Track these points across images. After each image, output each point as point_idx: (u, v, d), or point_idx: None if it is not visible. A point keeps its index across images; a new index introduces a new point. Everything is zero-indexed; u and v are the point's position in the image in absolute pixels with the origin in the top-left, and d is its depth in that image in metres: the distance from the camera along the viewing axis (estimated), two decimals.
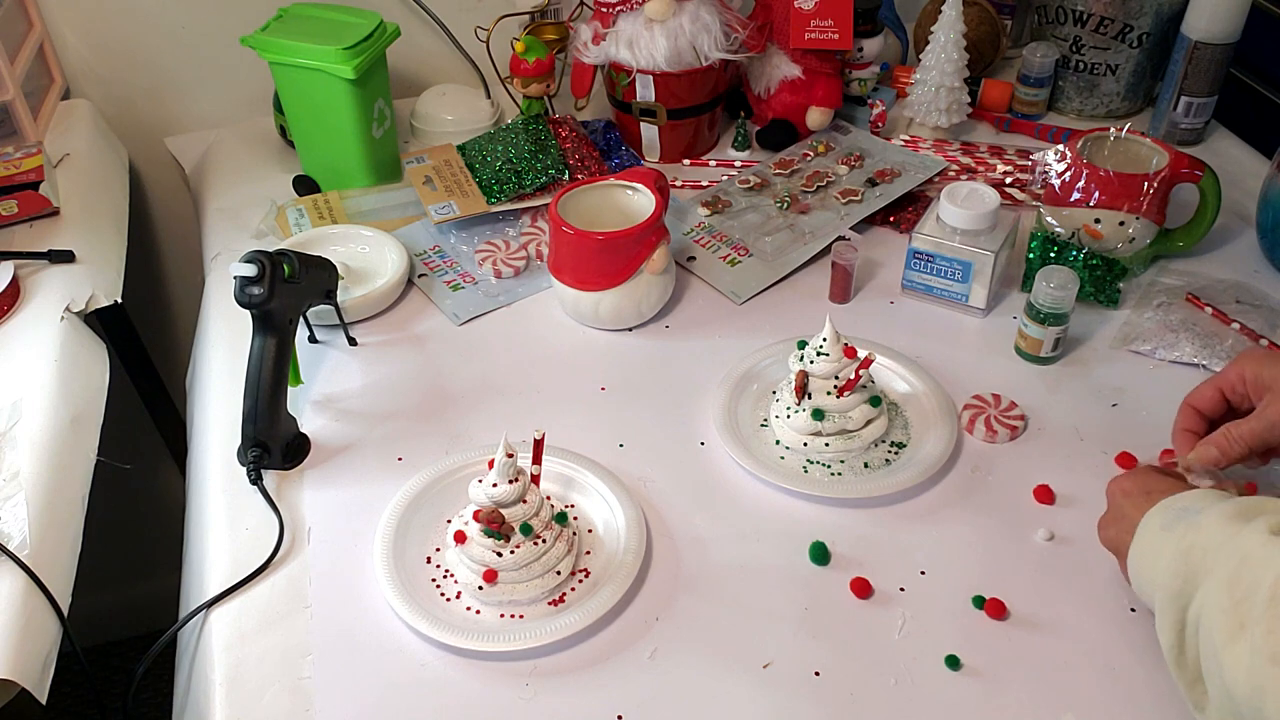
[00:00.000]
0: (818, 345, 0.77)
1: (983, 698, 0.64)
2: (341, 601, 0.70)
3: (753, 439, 0.81)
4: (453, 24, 1.24)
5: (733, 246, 1.01)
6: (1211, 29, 1.08)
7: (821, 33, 1.07)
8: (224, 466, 0.80)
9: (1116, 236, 0.92)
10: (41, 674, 0.65)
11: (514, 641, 0.66)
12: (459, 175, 1.05)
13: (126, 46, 1.17)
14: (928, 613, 0.69)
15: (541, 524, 0.68)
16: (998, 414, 0.82)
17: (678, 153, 1.15)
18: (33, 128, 1.06)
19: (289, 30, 1.02)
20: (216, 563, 0.73)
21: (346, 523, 0.75)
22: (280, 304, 0.77)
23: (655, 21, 1.05)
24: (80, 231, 0.97)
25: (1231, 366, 0.71)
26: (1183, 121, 1.15)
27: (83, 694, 1.33)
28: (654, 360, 0.90)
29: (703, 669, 0.66)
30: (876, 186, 1.05)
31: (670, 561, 0.73)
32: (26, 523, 0.70)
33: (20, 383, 0.81)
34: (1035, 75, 1.19)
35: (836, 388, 0.77)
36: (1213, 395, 0.72)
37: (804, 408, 0.78)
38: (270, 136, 1.20)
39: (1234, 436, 0.69)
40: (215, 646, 0.68)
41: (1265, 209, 0.97)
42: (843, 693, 0.64)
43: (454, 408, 0.85)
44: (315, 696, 0.64)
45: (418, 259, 1.01)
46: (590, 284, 0.89)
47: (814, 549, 0.72)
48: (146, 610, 1.39)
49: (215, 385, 0.88)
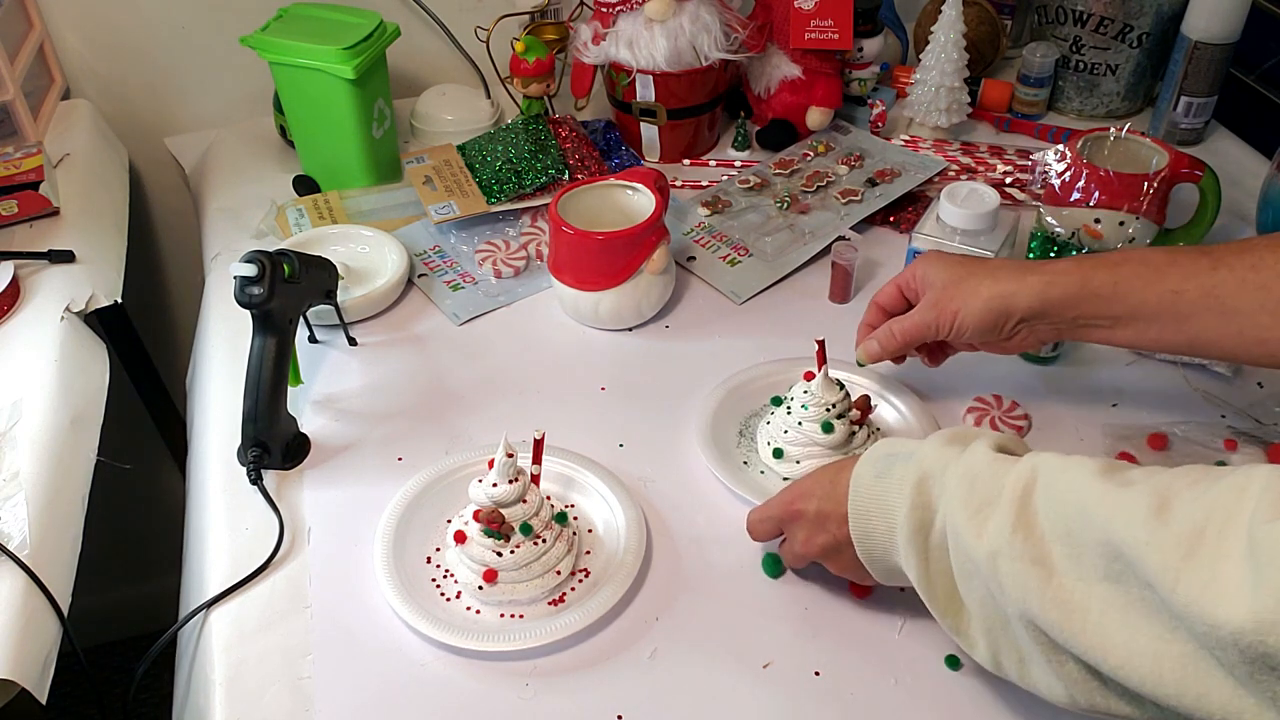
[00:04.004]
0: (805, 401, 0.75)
1: (983, 698, 0.64)
2: (341, 601, 0.70)
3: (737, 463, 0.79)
4: (453, 24, 1.24)
5: (733, 246, 1.01)
6: (1211, 29, 1.08)
7: (821, 33, 1.07)
8: (224, 466, 0.80)
9: (1116, 236, 0.92)
10: (41, 674, 0.65)
11: (514, 641, 0.66)
12: (459, 175, 1.05)
13: (126, 46, 1.17)
14: (928, 613, 0.68)
15: (541, 524, 0.68)
16: (1002, 415, 0.82)
17: (678, 153, 1.15)
18: (33, 128, 1.06)
19: (289, 30, 1.02)
20: (216, 563, 0.73)
21: (346, 523, 0.75)
22: (280, 304, 0.77)
23: (655, 21, 1.05)
24: (80, 231, 0.97)
25: (909, 267, 0.77)
26: (1183, 121, 1.15)
27: (83, 694, 1.33)
28: (654, 360, 0.90)
29: (703, 669, 0.66)
30: (876, 186, 1.05)
31: (670, 561, 0.73)
32: (26, 523, 0.70)
33: (20, 383, 0.81)
34: (1035, 75, 1.19)
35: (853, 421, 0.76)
36: (892, 292, 0.78)
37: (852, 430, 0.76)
38: (270, 136, 1.20)
39: (894, 331, 0.76)
40: (215, 646, 0.68)
41: (1265, 209, 0.97)
42: (843, 693, 0.64)
43: (454, 408, 0.85)
44: (315, 696, 0.64)
45: (418, 259, 1.01)
46: (590, 284, 0.89)
47: (767, 561, 0.72)
48: (146, 610, 1.39)
49: (215, 385, 0.88)
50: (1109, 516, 0.48)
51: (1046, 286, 0.70)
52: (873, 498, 0.61)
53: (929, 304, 0.74)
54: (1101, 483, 0.50)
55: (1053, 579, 0.50)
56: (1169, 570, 0.45)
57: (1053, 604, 0.50)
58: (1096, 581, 0.48)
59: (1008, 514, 0.52)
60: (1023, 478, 0.53)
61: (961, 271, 0.74)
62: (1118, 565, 0.48)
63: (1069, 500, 0.51)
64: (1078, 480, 0.51)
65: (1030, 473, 0.53)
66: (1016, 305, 0.71)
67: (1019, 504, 0.52)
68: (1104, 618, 0.48)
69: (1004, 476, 0.54)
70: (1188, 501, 0.47)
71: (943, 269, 0.75)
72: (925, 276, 0.75)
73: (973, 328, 0.73)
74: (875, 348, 0.77)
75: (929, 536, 0.58)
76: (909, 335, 0.76)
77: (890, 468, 0.61)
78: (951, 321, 0.73)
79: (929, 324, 0.74)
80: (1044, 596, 0.50)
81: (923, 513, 0.58)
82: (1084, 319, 0.71)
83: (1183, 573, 0.44)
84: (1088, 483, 0.51)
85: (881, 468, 0.62)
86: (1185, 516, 0.46)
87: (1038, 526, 0.51)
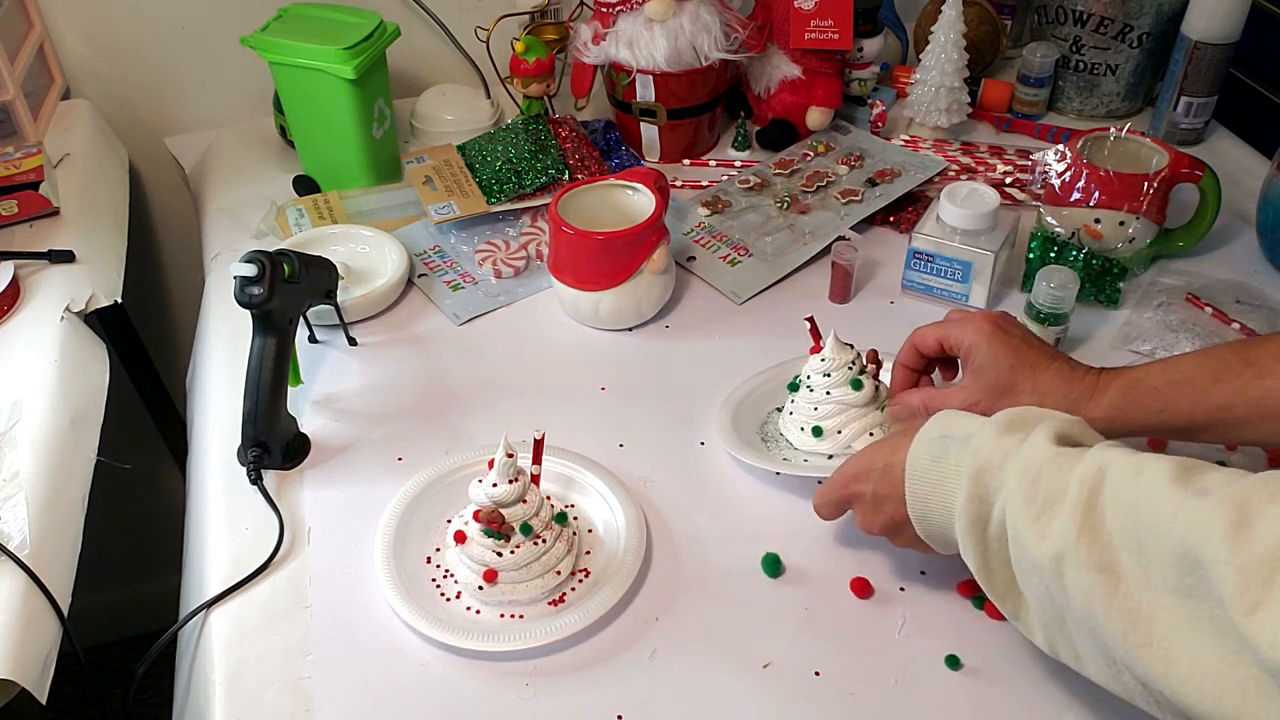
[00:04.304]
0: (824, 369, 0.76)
1: (983, 698, 0.64)
2: (341, 601, 0.70)
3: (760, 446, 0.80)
4: (453, 24, 1.24)
5: (733, 246, 1.01)
6: (1211, 29, 1.08)
7: (821, 33, 1.07)
8: (224, 466, 0.80)
9: (1116, 236, 0.92)
10: (41, 674, 0.65)
11: (514, 641, 0.66)
12: (459, 175, 1.05)
13: (126, 46, 1.17)
14: (928, 613, 0.69)
15: (541, 524, 0.68)
16: None
17: (678, 153, 1.15)
18: (33, 128, 1.06)
19: (289, 30, 1.02)
20: (216, 563, 0.73)
21: (346, 523, 0.75)
22: (280, 304, 0.77)
23: (655, 21, 1.05)
24: (80, 231, 0.97)
25: (956, 329, 0.72)
26: (1183, 121, 1.15)
27: (83, 694, 1.33)
28: (654, 360, 0.90)
29: (703, 669, 0.66)
30: (876, 186, 1.05)
31: (670, 561, 0.73)
32: (26, 523, 0.70)
33: (20, 383, 0.81)
34: (1035, 75, 1.19)
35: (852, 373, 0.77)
36: (933, 344, 0.74)
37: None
38: (270, 136, 1.20)
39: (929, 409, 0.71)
40: (215, 646, 0.68)
41: (1265, 209, 0.97)
42: (843, 693, 0.64)
43: (454, 408, 0.85)
44: (315, 696, 0.64)
45: (418, 259, 1.01)
46: (590, 284, 0.89)
47: (766, 561, 0.72)
48: (146, 610, 1.39)
49: (215, 385, 0.88)
50: (1185, 529, 0.46)
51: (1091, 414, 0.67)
52: (930, 483, 0.61)
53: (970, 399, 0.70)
54: (1176, 490, 0.48)
55: (1119, 587, 0.49)
56: (1248, 595, 0.43)
57: (1118, 613, 0.48)
58: (1166, 593, 0.47)
59: (1072, 517, 0.51)
60: (1089, 478, 0.52)
61: (1010, 378, 0.69)
62: (1190, 579, 0.46)
63: (1141, 506, 0.49)
64: (1150, 484, 0.49)
65: (1097, 473, 0.52)
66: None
67: (1085, 506, 0.51)
68: (1170, 630, 0.47)
69: (1068, 474, 0.53)
70: (1270, 518, 0.45)
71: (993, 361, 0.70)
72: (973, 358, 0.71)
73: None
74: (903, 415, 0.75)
75: (987, 528, 0.57)
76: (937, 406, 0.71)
77: (946, 451, 0.60)
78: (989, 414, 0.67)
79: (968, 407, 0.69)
80: (1109, 605, 0.49)
81: (980, 506, 0.57)
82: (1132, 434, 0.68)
83: (1263, 599, 0.43)
84: (1161, 488, 0.49)
85: (937, 450, 0.61)
86: (1267, 535, 0.44)
87: (1104, 531, 0.50)
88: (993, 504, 0.57)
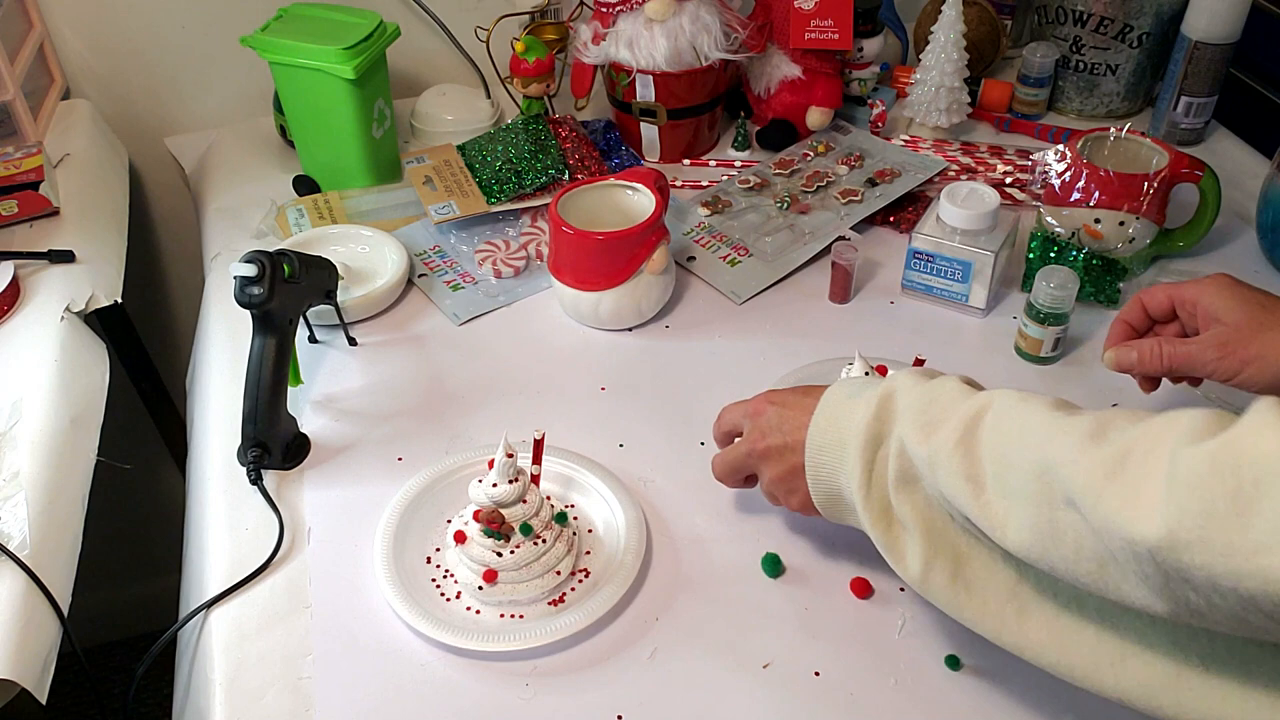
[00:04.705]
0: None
1: (983, 698, 0.64)
2: (341, 601, 0.70)
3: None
4: (453, 24, 1.24)
5: (733, 246, 1.01)
6: (1211, 29, 1.08)
7: (821, 33, 1.07)
8: (224, 466, 0.80)
9: (1116, 236, 0.92)
10: (41, 674, 0.65)
11: (514, 641, 0.66)
12: (459, 175, 1.05)
13: (126, 46, 1.17)
14: (928, 613, 0.69)
15: (541, 524, 0.68)
16: None
17: (678, 153, 1.15)
18: (33, 128, 1.06)
19: (289, 30, 1.02)
20: (216, 563, 0.73)
21: (346, 523, 0.75)
22: (280, 304, 0.77)
23: (655, 21, 1.05)
24: (80, 231, 0.97)
25: (1193, 285, 0.70)
26: (1183, 121, 1.15)
27: (83, 694, 1.34)
28: (654, 360, 0.90)
29: (703, 669, 0.66)
30: (876, 186, 1.05)
31: (670, 561, 0.73)
32: (26, 523, 0.70)
33: (20, 383, 0.81)
34: (1035, 75, 1.19)
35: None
36: (1164, 301, 0.72)
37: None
38: (270, 136, 1.20)
39: (1163, 353, 0.69)
40: (215, 646, 0.68)
41: (1265, 209, 0.97)
42: (843, 693, 0.64)
43: (454, 408, 0.85)
44: (315, 696, 0.64)
45: (418, 259, 1.01)
46: (590, 284, 0.89)
47: (766, 561, 0.72)
48: (146, 610, 1.39)
49: (215, 385, 0.88)
50: (1046, 438, 0.50)
51: None
52: (838, 415, 0.62)
53: (1215, 341, 0.66)
54: (1049, 412, 0.53)
55: (981, 495, 0.53)
56: (1092, 488, 0.47)
57: (981, 517, 0.53)
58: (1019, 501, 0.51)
59: (954, 432, 0.55)
60: (977, 404, 0.56)
61: (1261, 316, 0.65)
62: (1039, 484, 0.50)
63: (1013, 426, 0.53)
64: (1028, 409, 0.53)
65: (986, 399, 0.56)
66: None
67: (966, 425, 0.55)
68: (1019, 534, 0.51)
69: (961, 402, 0.57)
70: (1122, 429, 0.48)
71: (1237, 305, 0.66)
72: (1213, 308, 0.67)
73: (1260, 385, 0.65)
74: (1133, 358, 0.70)
75: (878, 449, 0.60)
76: (1178, 362, 0.68)
77: (863, 389, 0.63)
78: (1238, 370, 0.65)
79: (1207, 363, 0.66)
80: (972, 511, 0.53)
81: (880, 425, 0.60)
82: None
83: (1105, 490, 0.46)
84: (1037, 411, 0.53)
85: (854, 389, 0.64)
86: (1117, 440, 0.48)
87: (977, 445, 0.54)
88: (892, 425, 0.59)
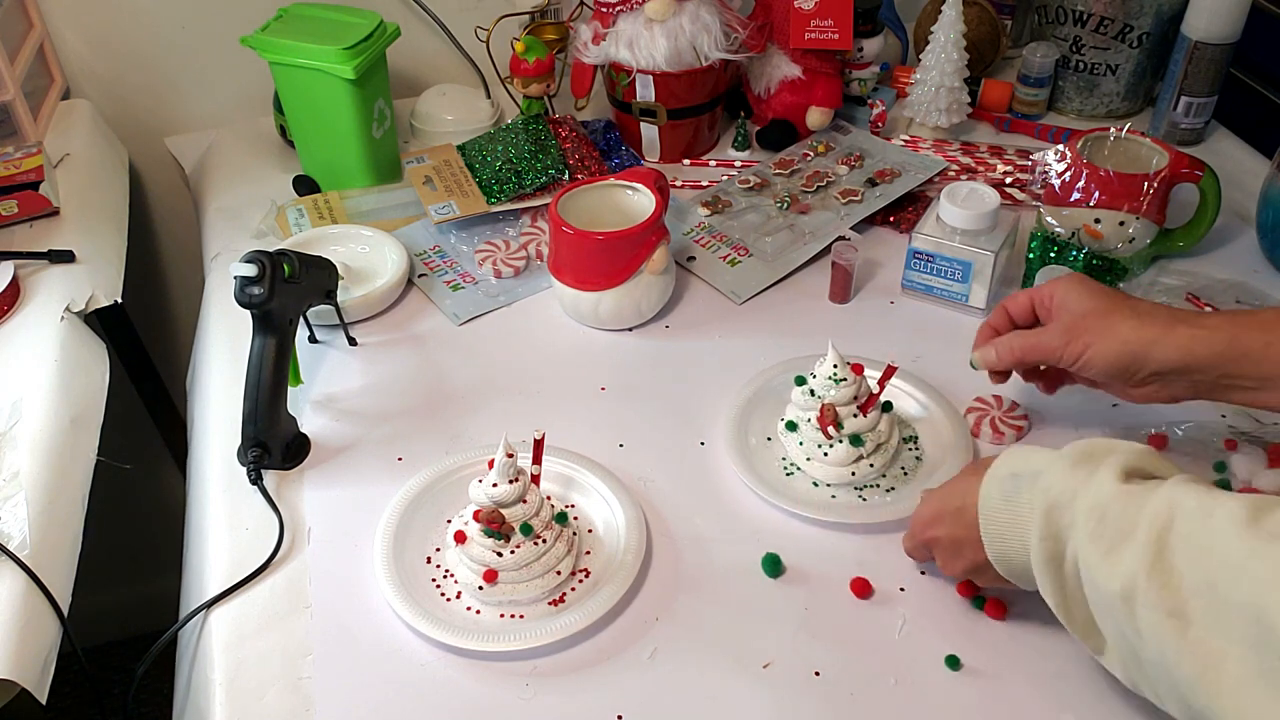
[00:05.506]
0: (830, 374, 0.75)
1: (983, 698, 0.64)
2: (341, 601, 0.70)
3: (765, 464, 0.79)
4: (453, 24, 1.24)
5: (733, 246, 1.01)
6: (1211, 29, 1.08)
7: (821, 33, 1.07)
8: (224, 466, 0.80)
9: (1116, 236, 0.92)
10: (41, 674, 0.65)
11: (514, 641, 0.66)
12: (459, 175, 1.05)
13: (126, 46, 1.17)
14: (928, 613, 0.69)
15: (541, 524, 0.68)
16: (1001, 416, 0.82)
17: (678, 153, 1.15)
18: (33, 128, 1.06)
19: (289, 30, 1.02)
20: (216, 563, 0.73)
21: (346, 523, 0.75)
22: (280, 304, 0.77)
23: (655, 21, 1.05)
24: (80, 231, 0.97)
25: (1048, 285, 0.73)
26: (1183, 121, 1.15)
27: (83, 694, 1.33)
28: (654, 360, 0.90)
29: (703, 669, 0.66)
30: (876, 186, 1.05)
31: (670, 561, 0.73)
32: (26, 523, 0.70)
33: (20, 383, 0.81)
34: (1035, 75, 1.19)
35: (860, 408, 0.75)
36: (1024, 303, 0.75)
37: (840, 439, 0.75)
38: (270, 136, 1.20)
39: (1015, 345, 0.73)
40: (215, 646, 0.68)
41: (1265, 209, 0.97)
42: (843, 693, 0.64)
43: (454, 408, 0.85)
44: (315, 696, 0.64)
45: (418, 259, 1.01)
46: (590, 284, 0.89)
47: (766, 561, 0.72)
48: (146, 610, 1.39)
49: (215, 385, 0.88)
50: (1255, 578, 0.46)
51: (1192, 341, 0.65)
52: (1004, 523, 0.60)
53: (1060, 329, 0.70)
54: (1248, 534, 0.47)
55: (1189, 632, 0.48)
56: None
57: (1189, 658, 0.48)
58: (1235, 642, 0.46)
59: (1141, 557, 0.50)
60: (1159, 518, 0.50)
61: (1104, 304, 0.69)
62: (1258, 629, 0.45)
63: (1211, 551, 0.48)
64: (1221, 528, 0.48)
65: (1167, 513, 0.50)
66: (1155, 356, 0.66)
67: (1155, 548, 0.50)
68: (1239, 681, 0.46)
69: (1136, 514, 0.52)
70: None
71: (1084, 296, 0.70)
72: (1063, 300, 0.71)
73: (1101, 367, 0.68)
74: (992, 356, 0.74)
75: (1062, 566, 0.56)
76: (1028, 353, 0.72)
77: (1017, 490, 0.60)
78: (1080, 354, 0.69)
79: (1054, 349, 0.70)
80: (1180, 649, 0.48)
81: (1053, 544, 0.56)
82: (1228, 379, 0.66)
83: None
84: (1233, 533, 0.48)
85: (1008, 489, 0.60)
86: None
87: (1174, 574, 0.49)
88: (1065, 541, 0.56)
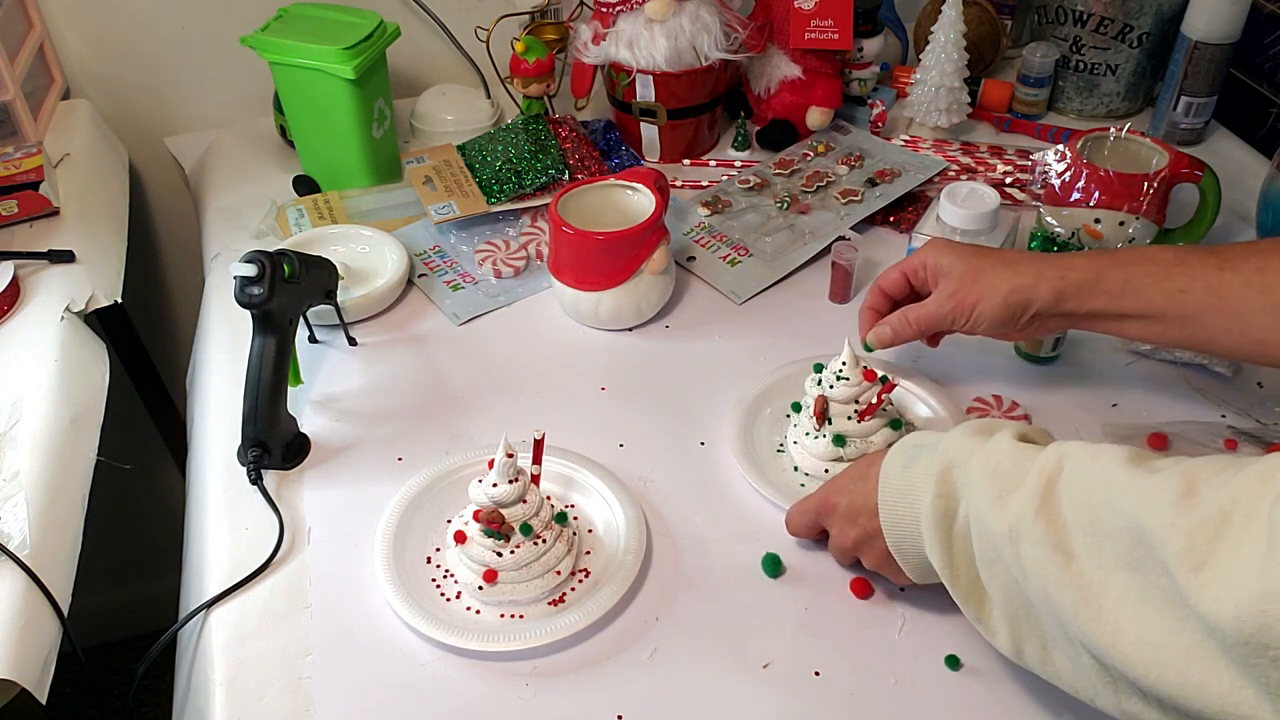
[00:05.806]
0: (836, 370, 0.75)
1: (983, 698, 0.64)
2: (341, 601, 0.70)
3: (769, 465, 0.78)
4: (453, 24, 1.24)
5: (733, 246, 1.01)
6: (1211, 29, 1.08)
7: (821, 33, 1.07)
8: (224, 466, 0.80)
9: (1116, 236, 0.92)
10: (41, 674, 0.65)
11: (514, 641, 0.66)
12: (459, 175, 1.05)
13: (126, 46, 1.17)
14: (928, 613, 0.69)
15: (541, 524, 0.68)
16: (1001, 415, 0.82)
17: (678, 153, 1.15)
18: (33, 128, 1.06)
19: (289, 30, 1.02)
20: (216, 563, 0.73)
21: (346, 523, 0.75)
22: (280, 304, 0.77)
23: (655, 21, 1.05)
24: (80, 231, 0.97)
25: (917, 253, 0.78)
26: (1183, 121, 1.15)
27: (83, 694, 1.33)
28: (654, 360, 0.90)
29: (703, 669, 0.66)
30: (876, 186, 1.05)
31: (670, 561, 0.73)
32: (26, 523, 0.70)
33: (20, 383, 0.81)
34: (1035, 75, 1.19)
35: (857, 412, 0.75)
36: (898, 278, 0.80)
37: (825, 433, 0.75)
38: (270, 136, 1.20)
39: (909, 319, 0.77)
40: (215, 646, 0.68)
41: (1265, 209, 0.97)
42: (843, 693, 0.64)
43: (454, 408, 0.85)
44: (315, 696, 0.64)
45: (418, 259, 1.01)
46: (590, 284, 0.89)
47: (766, 561, 0.72)
48: (146, 610, 1.39)
49: (215, 385, 0.88)
50: (1135, 501, 0.49)
51: (1062, 281, 0.72)
52: (900, 489, 0.62)
53: (946, 295, 0.75)
54: (1129, 469, 0.51)
55: (1071, 564, 0.50)
56: (1192, 555, 0.45)
57: (1070, 589, 0.50)
58: (1115, 570, 0.49)
59: (1031, 500, 0.53)
60: (1048, 465, 0.54)
61: (978, 264, 0.75)
62: (1139, 551, 0.48)
63: (1095, 488, 0.51)
64: (1105, 468, 0.52)
65: (1057, 461, 0.54)
66: (1034, 299, 0.73)
67: (1043, 491, 0.53)
68: (1119, 604, 0.48)
69: (1028, 464, 0.55)
70: (1215, 487, 0.47)
71: (958, 259, 0.75)
72: (939, 266, 0.76)
73: (989, 320, 0.74)
74: (888, 334, 0.78)
75: (952, 525, 0.58)
76: (924, 324, 0.77)
77: (917, 458, 0.62)
78: (970, 314, 0.74)
79: (945, 315, 0.75)
80: (1062, 581, 0.50)
81: (946, 501, 0.58)
82: (1095, 313, 0.73)
83: (1206, 558, 0.44)
84: (1115, 470, 0.51)
85: (909, 458, 0.63)
86: (1211, 501, 0.46)
87: (1061, 514, 0.52)
88: (958, 500, 0.58)
